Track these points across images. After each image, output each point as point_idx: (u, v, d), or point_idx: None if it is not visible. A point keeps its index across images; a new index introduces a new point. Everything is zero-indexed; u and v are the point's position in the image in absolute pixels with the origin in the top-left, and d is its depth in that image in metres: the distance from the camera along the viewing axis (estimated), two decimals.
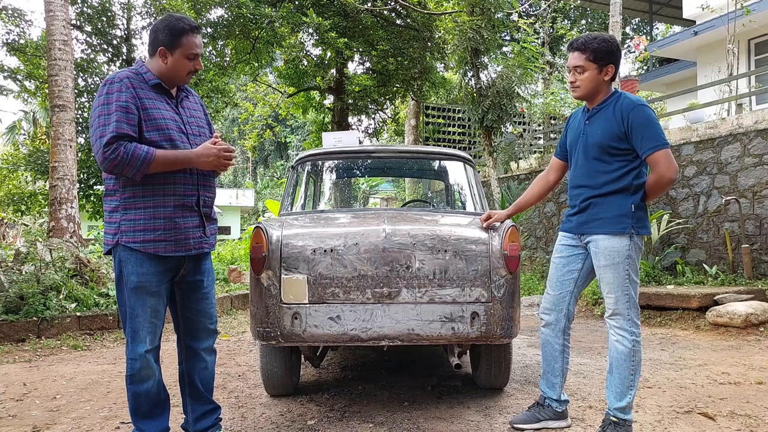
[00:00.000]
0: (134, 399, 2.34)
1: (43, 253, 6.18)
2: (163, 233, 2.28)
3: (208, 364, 2.57)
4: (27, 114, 28.44)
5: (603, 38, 2.57)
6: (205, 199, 2.43)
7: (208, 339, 2.56)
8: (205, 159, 2.30)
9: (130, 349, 2.31)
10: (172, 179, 2.30)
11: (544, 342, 2.87)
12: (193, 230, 2.37)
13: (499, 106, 9.45)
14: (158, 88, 2.35)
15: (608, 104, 2.61)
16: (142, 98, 2.26)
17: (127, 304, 2.30)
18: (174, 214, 2.31)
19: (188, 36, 2.32)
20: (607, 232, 2.57)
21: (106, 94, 2.22)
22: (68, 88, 7.20)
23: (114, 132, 2.14)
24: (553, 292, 2.83)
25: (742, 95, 9.23)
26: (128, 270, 2.28)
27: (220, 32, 10.80)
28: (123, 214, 2.27)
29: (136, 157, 2.15)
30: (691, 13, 13.24)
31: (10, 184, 13.03)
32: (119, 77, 2.25)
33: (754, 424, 2.85)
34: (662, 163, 2.49)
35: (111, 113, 2.17)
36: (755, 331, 5.12)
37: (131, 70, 2.33)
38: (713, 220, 7.23)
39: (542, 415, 2.83)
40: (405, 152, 4.14)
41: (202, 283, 2.51)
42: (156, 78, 2.34)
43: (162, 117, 2.30)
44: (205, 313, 2.53)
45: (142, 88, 2.29)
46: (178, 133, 2.34)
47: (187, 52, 2.32)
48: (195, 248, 2.39)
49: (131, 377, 2.31)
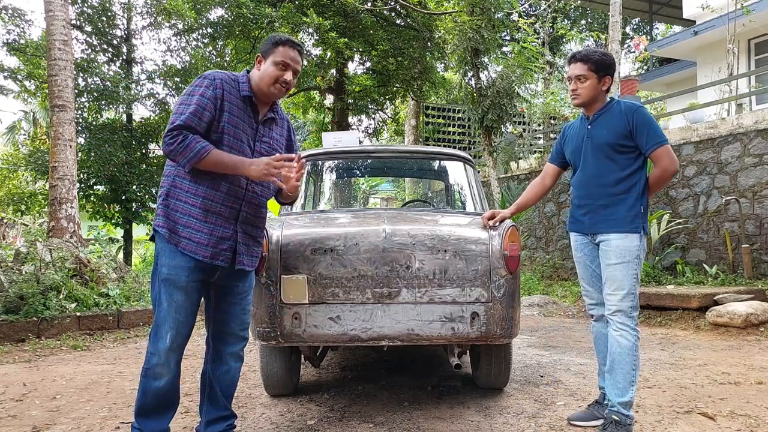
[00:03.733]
0: (143, 394, 2.31)
1: (43, 253, 6.18)
2: (190, 231, 2.28)
3: (231, 369, 2.52)
4: (27, 114, 28.40)
5: (603, 52, 2.81)
6: (246, 216, 2.40)
7: (236, 344, 2.52)
8: (255, 167, 2.24)
9: (151, 342, 2.30)
10: (218, 184, 2.30)
11: (597, 335, 2.92)
12: (221, 241, 2.32)
13: (499, 106, 9.45)
14: (247, 101, 2.38)
15: (609, 109, 2.80)
16: (225, 102, 2.30)
17: (156, 297, 2.30)
18: (207, 218, 2.29)
19: (284, 46, 2.36)
20: (620, 231, 2.68)
21: (196, 86, 2.29)
22: (68, 88, 7.20)
23: (182, 121, 2.20)
24: (591, 287, 2.90)
25: (742, 95, 9.23)
26: (162, 260, 2.29)
27: (220, 32, 10.81)
28: (164, 201, 2.31)
29: (191, 148, 2.18)
30: (691, 13, 13.24)
31: (10, 184, 13.03)
32: (215, 76, 2.32)
33: (754, 424, 2.85)
34: (665, 157, 2.67)
35: (190, 104, 2.23)
36: (755, 331, 5.12)
37: (232, 75, 2.38)
38: (713, 220, 7.23)
39: (600, 413, 2.82)
40: (405, 152, 4.14)
41: (236, 288, 2.47)
42: (249, 91, 2.37)
43: (235, 127, 2.33)
44: (236, 317, 2.49)
45: (232, 94, 2.33)
46: (242, 145, 2.35)
47: (277, 59, 2.34)
48: (223, 261, 2.33)
49: (146, 371, 2.30)
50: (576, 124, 2.96)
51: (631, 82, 9.77)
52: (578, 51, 2.84)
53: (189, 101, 2.25)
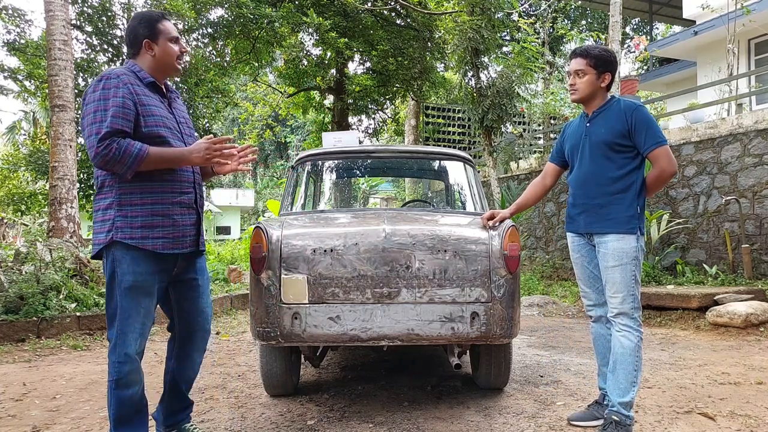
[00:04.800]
0: (118, 405, 2.24)
1: (43, 253, 6.18)
2: (161, 230, 2.26)
3: (195, 364, 2.57)
4: (27, 114, 28.41)
5: (604, 48, 2.78)
6: (199, 198, 2.45)
7: (203, 339, 2.56)
8: (197, 154, 2.27)
9: (117, 352, 2.23)
10: (170, 176, 2.30)
11: (596, 336, 2.91)
12: (190, 228, 2.38)
13: (499, 106, 9.45)
14: (152, 86, 2.35)
15: (608, 107, 2.75)
16: (139, 95, 2.25)
17: (119, 306, 2.22)
18: (172, 210, 2.30)
19: (163, 21, 2.36)
20: (617, 232, 2.65)
21: (102, 89, 2.18)
22: (68, 88, 7.20)
23: (109, 127, 2.11)
24: (589, 288, 2.88)
25: (742, 95, 9.23)
26: (123, 269, 2.22)
27: (220, 32, 10.79)
28: (118, 210, 2.22)
29: (128, 153, 2.12)
30: (691, 13, 13.24)
31: (10, 184, 13.03)
32: (116, 74, 2.23)
33: (754, 424, 2.85)
34: (663, 158, 2.63)
35: (107, 109, 2.15)
36: (755, 331, 5.12)
37: (125, 68, 2.32)
38: (713, 220, 7.23)
39: (600, 414, 2.82)
40: (405, 152, 4.14)
41: (196, 281, 2.51)
42: (150, 76, 2.34)
43: (160, 114, 2.32)
44: (202, 312, 2.53)
45: (139, 85, 2.28)
46: (173, 131, 2.35)
47: (168, 36, 2.35)
48: (191, 246, 2.39)
49: (117, 382, 2.22)
50: (576, 122, 2.93)
51: (631, 82, 9.77)
52: (579, 46, 2.80)
53: (104, 106, 2.15)
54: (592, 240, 2.79)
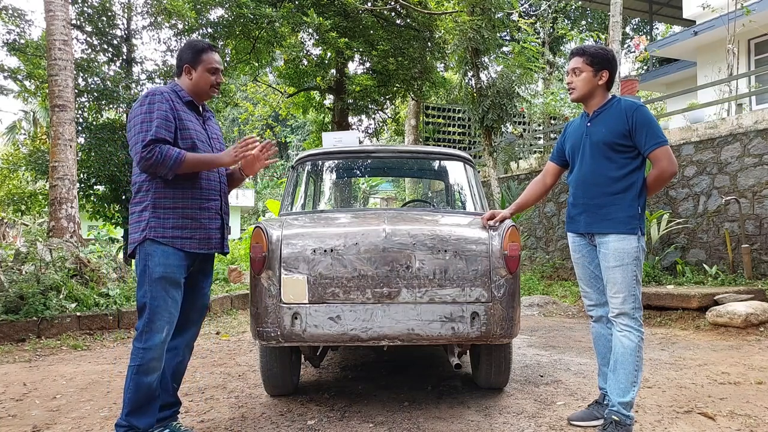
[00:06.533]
0: (136, 390, 2.42)
1: (43, 253, 6.18)
2: (190, 231, 2.54)
3: (184, 360, 2.74)
4: (27, 114, 28.42)
5: (601, 47, 2.78)
6: (223, 205, 2.73)
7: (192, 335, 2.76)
8: (227, 155, 2.59)
9: (143, 339, 2.43)
10: (198, 184, 2.58)
11: (597, 336, 2.90)
12: (215, 231, 2.65)
13: (499, 106, 9.45)
14: (190, 105, 2.65)
15: (609, 106, 2.74)
16: (178, 111, 2.56)
17: (149, 295, 2.44)
18: (200, 215, 2.58)
19: (207, 53, 2.65)
20: (617, 232, 2.65)
21: (148, 104, 2.48)
22: (68, 88, 7.20)
23: (153, 136, 2.40)
24: (590, 288, 2.88)
25: (742, 95, 9.24)
26: (154, 262, 2.46)
27: (221, 32, 10.79)
28: (152, 212, 2.49)
29: (169, 157, 2.40)
30: (691, 13, 13.25)
31: (10, 184, 13.02)
32: (161, 91, 2.54)
33: (754, 424, 2.85)
34: (664, 158, 2.63)
35: (152, 120, 2.44)
36: (755, 331, 5.12)
37: (169, 87, 2.63)
38: (713, 220, 7.23)
39: (600, 413, 2.82)
40: (405, 152, 4.14)
41: (201, 282, 2.74)
42: (188, 96, 2.64)
43: (194, 129, 2.62)
44: (199, 308, 2.76)
45: (179, 102, 2.59)
46: (204, 144, 2.65)
47: (208, 66, 2.64)
48: (216, 248, 2.66)
49: (138, 367, 2.41)
50: (577, 122, 2.93)
51: (631, 83, 9.78)
52: (577, 46, 2.81)
53: (149, 118, 2.45)
54: (592, 240, 2.78)
